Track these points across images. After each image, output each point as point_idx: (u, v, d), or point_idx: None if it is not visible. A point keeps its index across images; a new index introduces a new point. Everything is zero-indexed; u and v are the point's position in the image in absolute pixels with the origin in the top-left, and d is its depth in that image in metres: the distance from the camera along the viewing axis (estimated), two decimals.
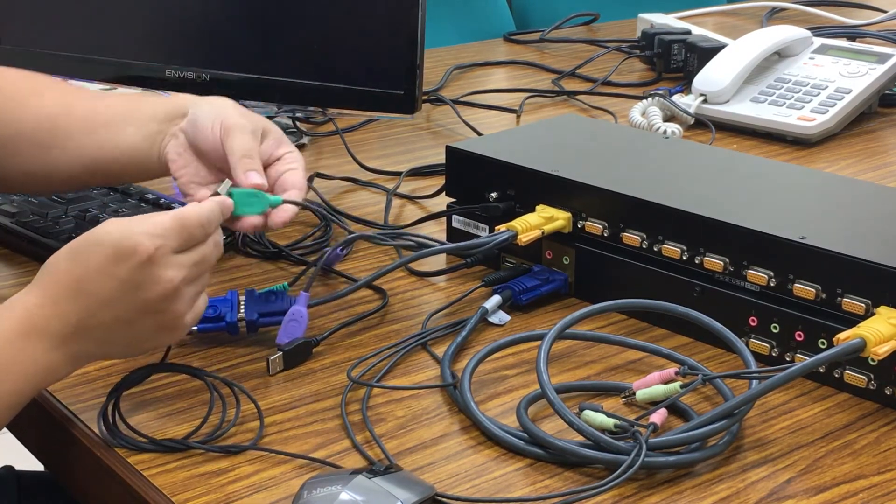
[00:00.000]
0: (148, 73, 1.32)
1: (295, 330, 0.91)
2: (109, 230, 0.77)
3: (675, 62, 1.70)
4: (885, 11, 2.09)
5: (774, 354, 0.90)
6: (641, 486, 0.76)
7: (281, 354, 0.88)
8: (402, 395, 0.86)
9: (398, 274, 1.05)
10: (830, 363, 0.86)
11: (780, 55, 1.56)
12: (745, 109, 1.47)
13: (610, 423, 0.79)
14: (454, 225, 1.10)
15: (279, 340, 0.91)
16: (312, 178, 1.24)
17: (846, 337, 0.80)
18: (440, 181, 1.16)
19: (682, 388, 0.83)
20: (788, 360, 0.89)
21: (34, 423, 0.87)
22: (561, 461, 0.78)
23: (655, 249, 0.96)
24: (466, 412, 0.83)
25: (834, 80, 1.49)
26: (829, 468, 0.78)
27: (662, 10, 1.96)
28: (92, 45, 1.33)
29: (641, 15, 1.90)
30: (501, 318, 0.98)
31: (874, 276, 0.84)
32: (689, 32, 1.75)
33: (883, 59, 1.51)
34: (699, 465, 0.78)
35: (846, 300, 0.85)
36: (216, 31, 1.31)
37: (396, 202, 1.23)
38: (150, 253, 0.76)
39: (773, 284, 0.89)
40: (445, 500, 0.74)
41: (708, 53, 1.59)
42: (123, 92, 1.26)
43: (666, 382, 0.84)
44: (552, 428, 0.81)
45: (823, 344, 0.87)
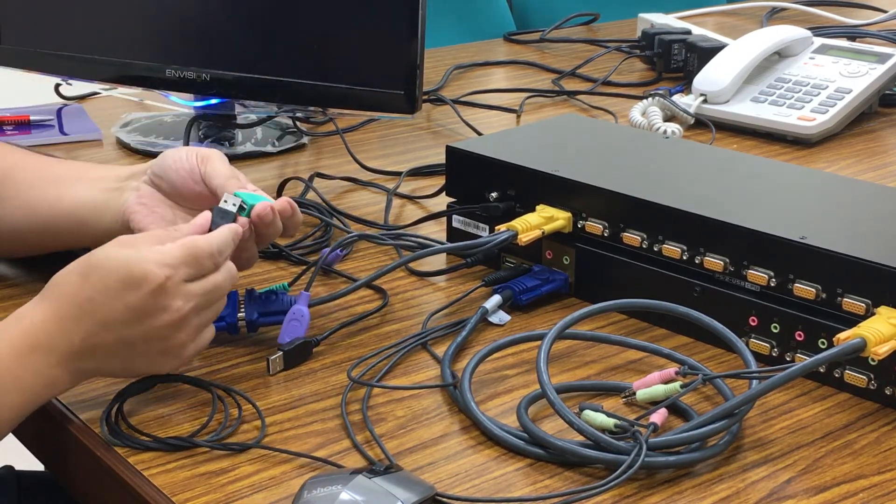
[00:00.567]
0: (148, 73, 1.32)
1: (296, 329, 0.91)
2: (121, 256, 0.78)
3: (675, 62, 1.70)
4: (885, 11, 2.09)
5: (774, 354, 0.90)
6: (641, 485, 0.76)
7: (281, 354, 0.88)
8: (402, 394, 0.86)
9: (398, 274, 1.05)
10: (831, 363, 0.86)
11: (780, 55, 1.56)
12: (745, 109, 1.47)
13: (610, 422, 0.79)
14: (454, 225, 1.10)
15: (280, 340, 0.91)
16: (312, 177, 1.24)
17: (846, 337, 0.80)
18: (440, 181, 1.16)
19: (682, 387, 0.83)
20: (788, 359, 0.89)
21: (34, 422, 0.87)
22: (561, 461, 0.78)
23: (656, 249, 0.96)
24: (466, 412, 0.83)
25: (834, 79, 1.49)
26: (829, 468, 0.78)
27: (662, 9, 1.96)
28: (92, 45, 1.33)
29: (641, 15, 1.90)
30: (501, 317, 0.98)
31: (874, 276, 0.84)
32: (689, 32, 1.75)
33: (883, 58, 1.51)
34: (699, 464, 0.78)
35: (846, 300, 0.85)
36: (216, 31, 1.31)
37: (396, 202, 1.23)
38: (160, 282, 0.77)
39: (773, 284, 0.89)
40: (446, 499, 0.74)
41: (708, 53, 1.59)
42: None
43: (666, 382, 0.84)
44: (552, 428, 0.81)
45: (823, 344, 0.87)
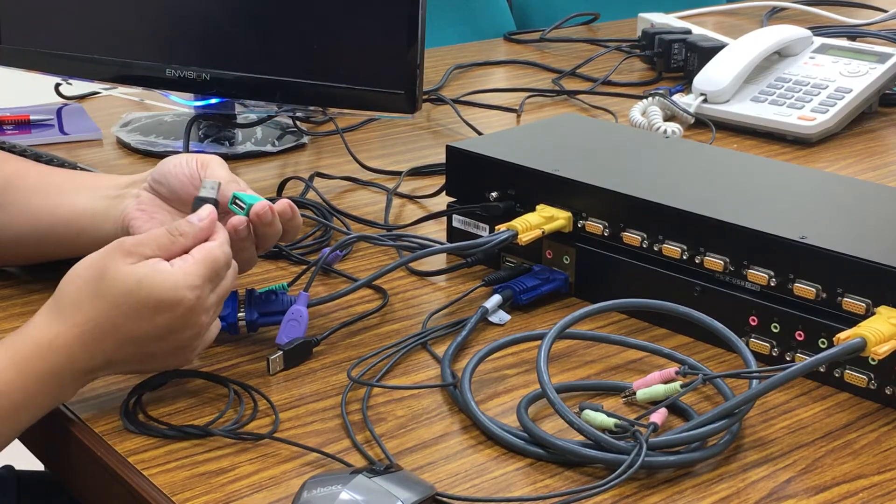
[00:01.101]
0: (148, 72, 1.32)
1: (295, 329, 0.91)
2: (157, 282, 0.79)
3: (675, 62, 1.70)
4: (885, 11, 2.09)
5: (775, 354, 0.90)
6: (642, 485, 0.76)
7: (281, 354, 0.88)
8: (402, 394, 0.86)
9: (398, 273, 1.05)
10: (831, 363, 0.86)
11: (780, 55, 1.56)
12: (745, 109, 1.47)
13: (610, 422, 0.79)
14: (454, 224, 1.10)
15: (279, 340, 0.91)
16: (312, 177, 1.24)
17: (846, 336, 0.80)
18: (440, 181, 1.16)
19: (682, 387, 0.83)
20: (789, 359, 0.89)
21: (35, 422, 0.87)
22: (561, 461, 0.78)
23: (656, 249, 0.96)
24: (466, 412, 0.83)
25: (834, 79, 1.49)
26: (829, 468, 0.78)
27: (663, 9, 1.96)
28: (92, 44, 1.33)
29: (642, 14, 1.90)
30: (502, 317, 0.97)
31: (874, 275, 0.84)
32: (689, 32, 1.75)
33: (883, 58, 1.52)
34: (699, 464, 0.78)
35: (846, 300, 0.85)
36: (216, 30, 1.31)
37: (396, 202, 1.23)
38: (191, 306, 0.80)
39: (773, 284, 0.89)
40: (446, 499, 0.74)
41: (708, 53, 1.59)
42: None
43: (666, 382, 0.84)
44: (552, 427, 0.81)
45: (824, 343, 0.87)
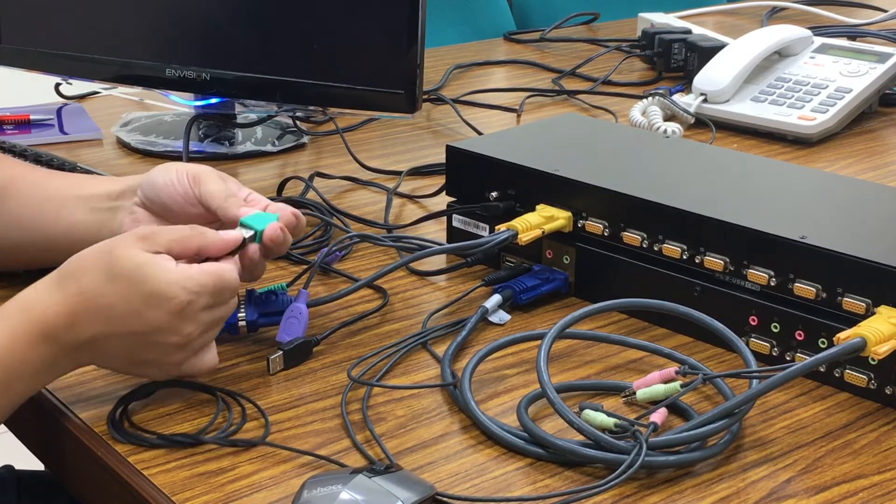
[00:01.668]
0: (148, 72, 1.32)
1: (294, 327, 0.91)
2: (152, 271, 0.78)
3: (675, 61, 1.70)
4: (885, 11, 2.09)
5: (775, 354, 0.90)
6: (642, 485, 0.76)
7: (281, 354, 0.88)
8: (402, 394, 0.86)
9: (398, 273, 1.05)
10: (831, 363, 0.86)
11: (780, 54, 1.56)
12: (745, 109, 1.47)
13: (610, 422, 0.79)
14: (454, 224, 1.10)
15: (279, 338, 0.91)
16: (312, 177, 1.24)
17: (846, 336, 0.80)
18: (440, 180, 1.16)
19: (682, 387, 0.83)
20: (789, 359, 0.89)
21: (34, 422, 0.87)
22: (561, 461, 0.78)
23: (656, 249, 0.96)
24: (466, 411, 0.83)
25: (834, 79, 1.49)
26: (829, 468, 0.78)
27: (663, 9, 1.96)
28: (92, 44, 1.33)
29: (642, 14, 1.90)
30: (502, 317, 0.97)
31: (874, 275, 0.84)
32: (689, 32, 1.75)
33: (883, 58, 1.52)
34: (699, 464, 0.78)
35: (846, 299, 0.85)
36: (216, 30, 1.31)
37: (397, 201, 1.23)
38: (182, 307, 0.79)
39: (773, 284, 0.89)
40: (446, 499, 0.74)
41: (708, 53, 1.59)
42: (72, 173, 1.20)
43: (666, 382, 0.84)
44: (552, 427, 0.81)
45: (824, 343, 0.87)
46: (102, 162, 1.34)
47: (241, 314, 0.91)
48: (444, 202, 1.12)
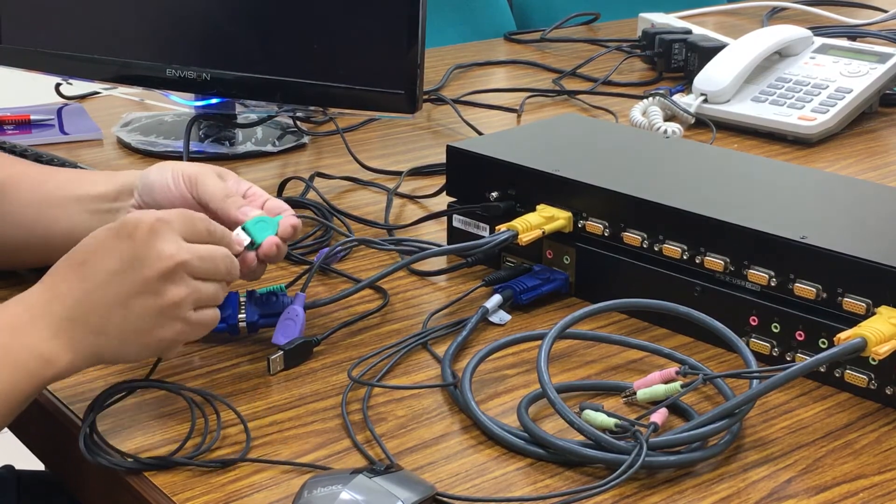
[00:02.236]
0: (148, 72, 1.32)
1: (290, 329, 0.91)
2: (162, 233, 0.78)
3: (675, 62, 1.70)
4: (885, 11, 2.09)
5: (775, 354, 0.90)
6: (642, 485, 0.76)
7: (282, 354, 0.88)
8: (402, 394, 0.86)
9: (399, 273, 1.05)
10: (831, 363, 0.86)
11: (780, 55, 1.56)
12: (745, 109, 1.47)
13: (611, 422, 0.79)
14: (455, 224, 1.10)
15: (275, 340, 0.90)
16: (313, 177, 1.24)
17: (847, 336, 0.80)
18: (441, 181, 1.16)
19: (682, 387, 0.83)
20: (789, 359, 0.89)
21: (35, 422, 0.87)
22: (562, 461, 0.78)
23: (656, 249, 0.96)
24: (467, 412, 0.83)
25: (835, 79, 1.49)
26: (829, 468, 0.78)
27: (663, 9, 1.96)
28: (92, 44, 1.33)
29: (642, 14, 1.90)
30: (502, 317, 0.97)
31: (875, 275, 0.84)
32: (689, 32, 1.75)
33: (884, 58, 1.51)
34: (700, 464, 0.78)
35: (847, 300, 0.85)
36: (217, 30, 1.31)
37: (397, 202, 1.23)
38: (150, 224, 0.77)
39: (773, 284, 0.89)
40: (446, 499, 0.74)
41: (708, 53, 1.59)
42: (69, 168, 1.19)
43: (667, 382, 0.84)
44: (553, 427, 0.81)
45: (824, 343, 0.87)
46: (103, 162, 1.34)
47: (241, 315, 0.91)
48: (444, 202, 1.12)
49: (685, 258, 0.94)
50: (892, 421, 0.84)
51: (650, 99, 1.50)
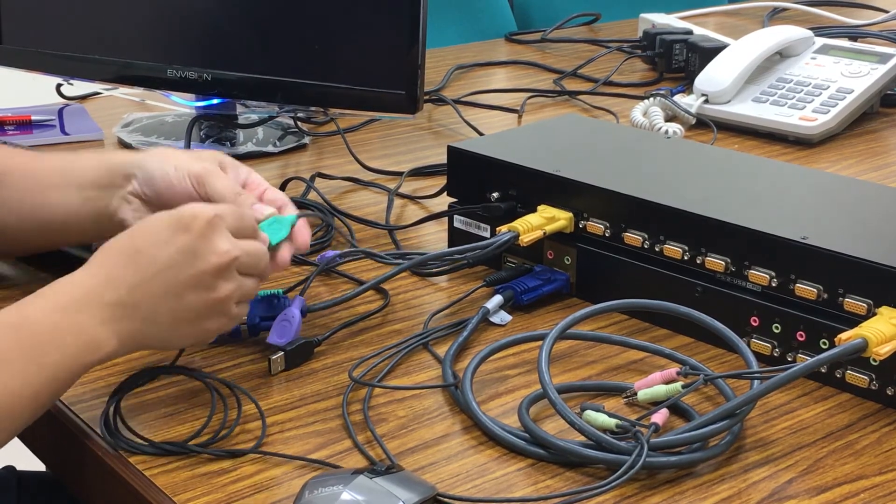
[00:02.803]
0: (148, 72, 1.32)
1: (285, 330, 0.90)
2: (214, 227, 0.79)
3: (676, 62, 1.70)
4: (886, 11, 2.09)
5: (776, 354, 0.90)
6: (643, 486, 0.76)
7: (283, 354, 0.88)
8: (403, 394, 0.86)
9: (400, 274, 1.05)
10: (832, 363, 0.86)
11: (781, 55, 1.56)
12: (746, 109, 1.47)
13: (611, 423, 0.79)
14: (456, 225, 1.10)
15: (270, 339, 0.90)
16: (314, 178, 1.24)
17: (848, 337, 0.80)
18: (442, 181, 1.16)
19: (683, 388, 0.83)
20: (790, 360, 0.89)
21: (36, 422, 0.87)
22: (562, 461, 0.78)
23: (657, 249, 0.96)
24: (468, 412, 0.83)
25: (836, 80, 1.49)
26: (830, 468, 0.78)
27: (664, 10, 1.96)
28: (93, 45, 1.33)
29: (643, 15, 1.90)
30: (503, 318, 0.97)
31: (876, 276, 0.84)
32: (690, 32, 1.75)
33: (885, 59, 1.51)
34: (701, 465, 0.78)
35: (848, 300, 0.85)
36: (217, 31, 1.31)
37: (398, 202, 1.23)
38: (209, 219, 0.79)
39: (774, 284, 0.89)
40: (447, 500, 0.74)
41: (709, 53, 1.59)
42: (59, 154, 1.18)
43: (667, 382, 0.84)
44: (554, 428, 0.81)
45: (825, 344, 0.87)
46: None
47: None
48: (445, 203, 1.12)
49: (686, 259, 0.94)
50: (893, 421, 0.84)
51: (651, 99, 1.50)
